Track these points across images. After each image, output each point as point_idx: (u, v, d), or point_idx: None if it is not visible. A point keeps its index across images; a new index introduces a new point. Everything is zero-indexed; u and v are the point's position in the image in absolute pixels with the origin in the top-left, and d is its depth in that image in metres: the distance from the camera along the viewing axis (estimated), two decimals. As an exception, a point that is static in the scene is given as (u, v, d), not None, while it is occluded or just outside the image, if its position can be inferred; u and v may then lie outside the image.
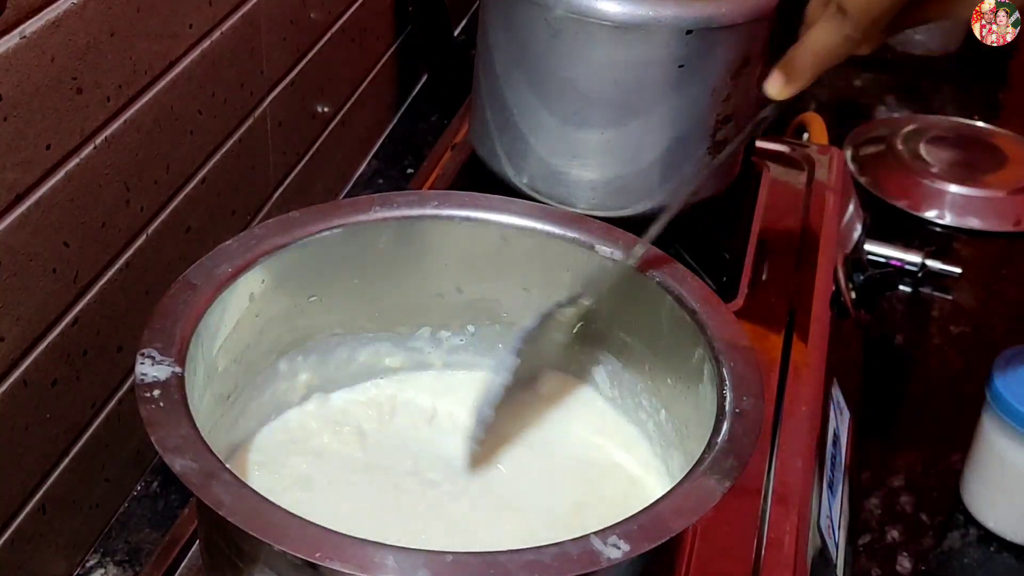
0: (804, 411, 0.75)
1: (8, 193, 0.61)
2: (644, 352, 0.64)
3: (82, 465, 0.72)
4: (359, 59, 1.09)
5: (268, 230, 0.62)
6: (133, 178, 0.72)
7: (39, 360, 0.66)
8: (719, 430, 0.53)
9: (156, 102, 0.73)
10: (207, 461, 0.48)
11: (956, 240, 1.16)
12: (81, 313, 0.69)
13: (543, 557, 0.45)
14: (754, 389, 0.55)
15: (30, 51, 0.60)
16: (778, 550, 0.66)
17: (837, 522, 0.75)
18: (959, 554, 0.84)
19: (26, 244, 0.63)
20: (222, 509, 0.46)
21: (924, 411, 0.96)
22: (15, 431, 0.65)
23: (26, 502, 0.67)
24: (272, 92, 0.91)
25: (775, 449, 0.72)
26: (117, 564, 0.74)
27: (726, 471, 0.50)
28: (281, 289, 0.62)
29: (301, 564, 0.46)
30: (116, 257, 0.72)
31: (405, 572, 0.45)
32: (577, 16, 0.77)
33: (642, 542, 0.47)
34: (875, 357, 0.99)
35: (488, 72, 0.85)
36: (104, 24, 0.66)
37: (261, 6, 0.85)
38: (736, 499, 0.68)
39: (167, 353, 0.53)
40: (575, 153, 0.82)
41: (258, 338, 0.62)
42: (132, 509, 0.77)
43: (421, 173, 0.99)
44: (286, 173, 0.96)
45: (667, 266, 0.62)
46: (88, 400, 0.72)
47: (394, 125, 1.20)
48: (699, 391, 0.58)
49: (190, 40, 0.77)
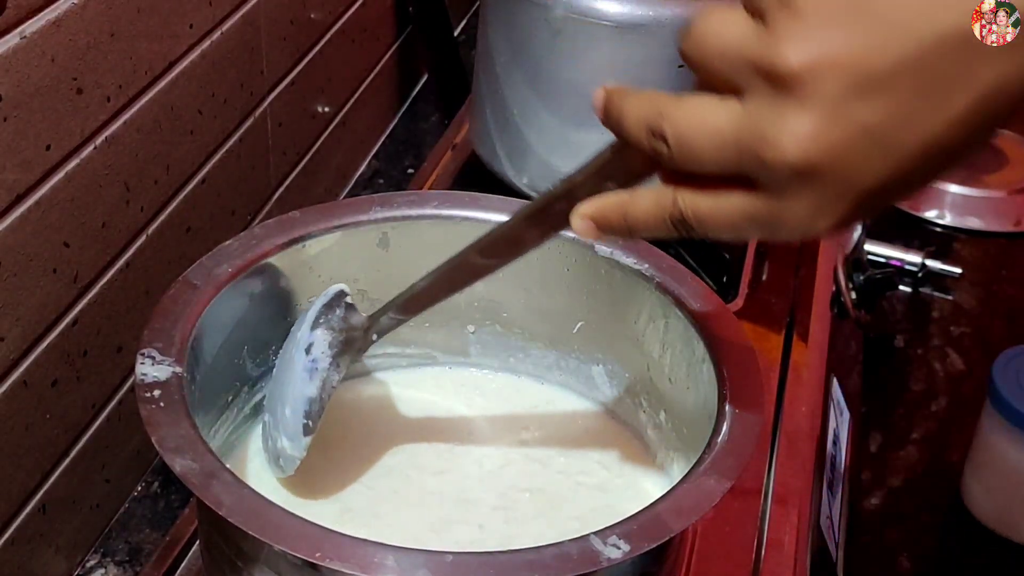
0: (804, 411, 0.75)
1: (8, 193, 0.61)
2: (644, 352, 0.64)
3: (82, 465, 0.72)
4: (359, 59, 1.09)
5: (268, 230, 0.62)
6: (133, 178, 0.72)
7: (39, 360, 0.66)
8: (719, 430, 0.53)
9: (156, 102, 0.73)
10: (207, 461, 0.48)
11: (956, 240, 1.16)
12: (81, 313, 0.69)
13: (543, 557, 0.45)
14: (754, 389, 0.55)
15: (30, 51, 0.60)
16: (778, 550, 0.66)
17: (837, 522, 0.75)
18: (959, 554, 0.84)
19: (26, 244, 0.63)
20: (222, 509, 0.46)
21: (924, 411, 0.96)
22: (15, 431, 0.65)
23: (26, 502, 0.67)
24: (272, 92, 0.90)
25: (775, 449, 0.72)
26: (117, 564, 0.74)
27: (726, 471, 0.50)
28: (281, 289, 0.62)
29: (301, 564, 0.46)
30: (116, 257, 0.72)
31: (405, 572, 0.45)
32: (577, 16, 0.77)
33: (642, 542, 0.47)
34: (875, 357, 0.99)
35: (488, 72, 0.85)
36: (104, 24, 0.66)
37: (261, 6, 0.85)
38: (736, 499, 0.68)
39: (167, 353, 0.53)
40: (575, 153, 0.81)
41: (258, 338, 0.62)
42: (132, 509, 0.77)
43: (421, 173, 0.99)
44: (286, 173, 0.96)
45: (667, 266, 0.62)
46: (88, 400, 0.72)
47: (394, 125, 1.20)
48: (699, 391, 0.58)
49: (190, 40, 0.77)
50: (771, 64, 0.37)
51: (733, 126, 0.39)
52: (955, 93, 0.37)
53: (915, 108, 0.37)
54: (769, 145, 0.38)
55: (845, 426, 0.82)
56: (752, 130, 0.38)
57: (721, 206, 0.41)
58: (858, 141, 0.37)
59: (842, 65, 0.36)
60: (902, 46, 0.36)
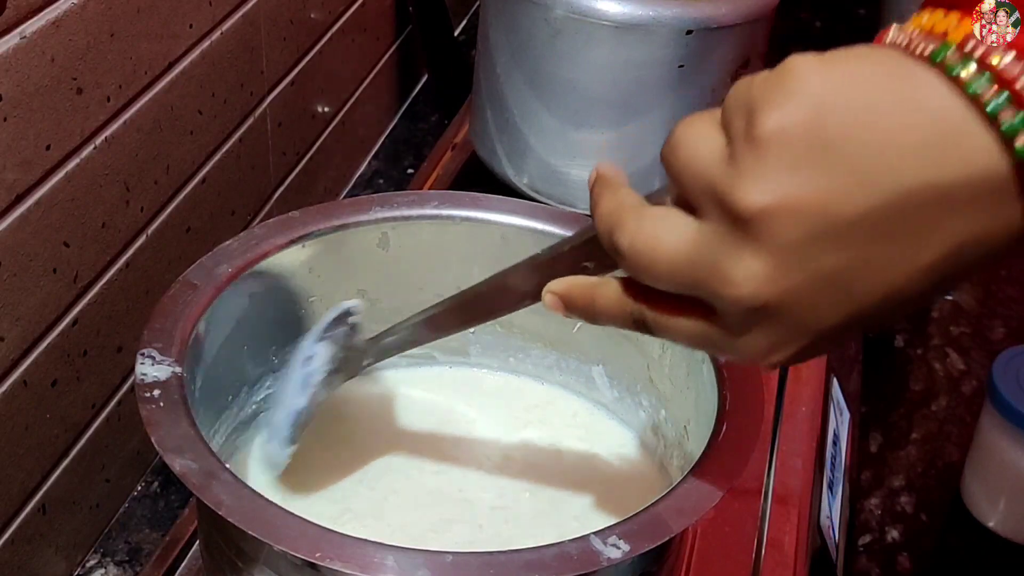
0: (804, 411, 0.75)
1: (8, 193, 0.61)
2: (644, 352, 0.64)
3: (82, 465, 0.72)
4: (359, 59, 1.09)
5: (268, 230, 0.62)
6: (133, 178, 0.72)
7: (39, 360, 0.66)
8: (719, 430, 0.53)
9: (156, 102, 0.73)
10: (207, 461, 0.48)
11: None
12: (81, 313, 0.69)
13: (543, 557, 0.45)
14: (754, 389, 0.55)
15: (30, 51, 0.60)
16: (778, 550, 0.66)
17: (837, 522, 0.75)
18: (959, 554, 0.84)
19: (26, 244, 0.63)
20: (222, 509, 0.46)
21: (924, 411, 0.96)
22: (15, 431, 0.65)
23: (26, 502, 0.67)
24: (272, 92, 0.91)
25: (775, 449, 0.72)
26: (117, 564, 0.74)
27: (726, 471, 0.50)
28: (281, 289, 0.62)
29: (301, 564, 0.46)
30: (116, 257, 0.72)
31: (405, 572, 0.45)
32: (577, 16, 0.77)
33: (642, 542, 0.47)
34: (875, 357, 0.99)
35: (488, 72, 0.85)
36: (104, 24, 0.66)
37: (261, 6, 0.85)
38: (736, 499, 0.68)
39: (167, 353, 0.53)
40: (575, 153, 0.82)
41: (258, 338, 0.62)
42: (132, 509, 0.77)
43: (421, 173, 0.99)
44: (286, 173, 0.96)
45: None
46: (88, 400, 0.72)
47: (394, 125, 1.20)
48: (699, 391, 0.58)
49: (190, 40, 0.77)
50: (730, 201, 0.36)
51: (689, 249, 0.37)
52: (921, 247, 0.35)
53: (877, 258, 0.35)
54: (724, 279, 0.37)
55: (845, 426, 0.82)
56: (708, 259, 0.37)
57: (679, 323, 0.40)
58: (815, 285, 0.36)
59: (802, 212, 0.35)
60: (867, 197, 0.34)
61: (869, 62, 0.36)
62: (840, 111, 0.35)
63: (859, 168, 0.34)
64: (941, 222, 0.35)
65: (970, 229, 0.35)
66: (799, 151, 0.35)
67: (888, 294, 0.36)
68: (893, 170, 0.34)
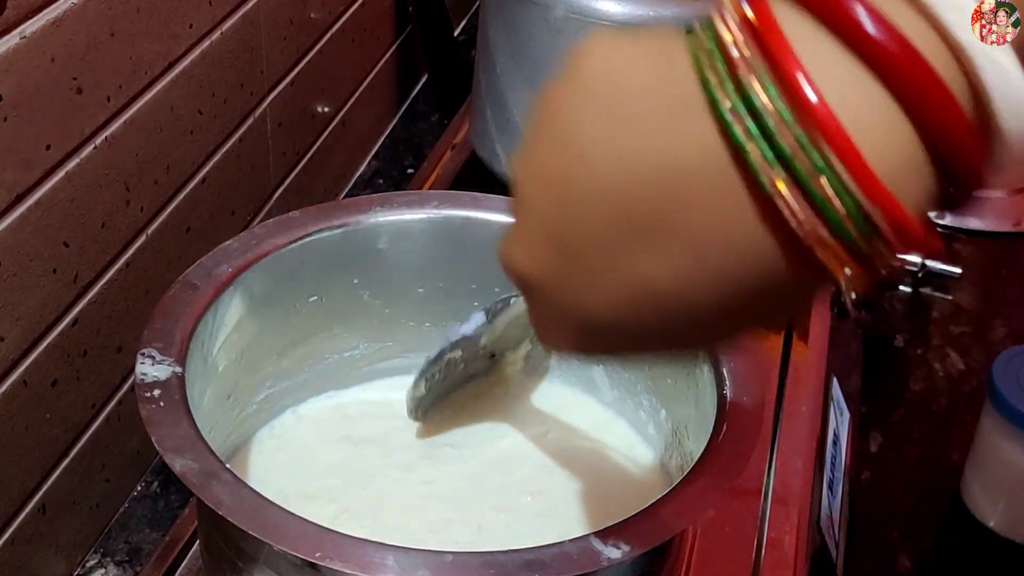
0: (804, 411, 0.75)
1: (8, 193, 0.61)
2: (644, 352, 0.64)
3: (82, 465, 0.72)
4: (359, 59, 1.09)
5: (268, 230, 0.62)
6: (133, 178, 0.72)
7: (39, 360, 0.66)
8: (719, 430, 0.53)
9: (156, 102, 0.73)
10: (207, 461, 0.48)
11: (956, 240, 1.16)
12: (81, 313, 0.69)
13: (543, 557, 0.45)
14: (754, 389, 0.55)
15: (30, 51, 0.60)
16: (778, 550, 0.66)
17: (837, 522, 0.75)
18: (959, 554, 0.84)
19: (26, 244, 0.63)
20: (222, 509, 0.46)
21: (924, 411, 0.96)
22: (15, 431, 0.65)
23: (26, 502, 0.67)
24: (272, 92, 0.90)
25: (775, 449, 0.72)
26: (117, 564, 0.74)
27: (726, 471, 0.50)
28: (281, 289, 0.62)
29: (301, 564, 0.46)
30: (116, 257, 0.72)
31: (405, 572, 0.45)
32: (577, 16, 0.77)
33: (642, 542, 0.47)
34: (875, 357, 0.99)
35: (488, 72, 0.85)
36: (104, 24, 0.66)
37: (261, 6, 0.85)
38: (736, 499, 0.68)
39: (167, 353, 0.53)
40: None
41: (258, 338, 0.62)
42: (132, 509, 0.77)
43: (421, 173, 0.99)
44: (286, 173, 0.96)
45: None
46: (88, 400, 0.72)
47: (394, 125, 1.20)
48: (699, 391, 0.58)
49: (190, 40, 0.77)
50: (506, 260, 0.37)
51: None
52: (666, 239, 0.32)
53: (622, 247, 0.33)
54: (501, 251, 0.38)
55: (845, 426, 0.82)
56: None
57: None
58: (563, 263, 0.35)
59: (536, 182, 0.35)
60: (590, 174, 0.33)
61: (658, 38, 0.35)
62: (583, 86, 0.34)
63: (579, 148, 0.33)
64: (631, 259, 0.33)
65: (649, 273, 0.33)
66: (538, 124, 0.35)
67: (597, 316, 0.35)
68: (615, 147, 0.32)
